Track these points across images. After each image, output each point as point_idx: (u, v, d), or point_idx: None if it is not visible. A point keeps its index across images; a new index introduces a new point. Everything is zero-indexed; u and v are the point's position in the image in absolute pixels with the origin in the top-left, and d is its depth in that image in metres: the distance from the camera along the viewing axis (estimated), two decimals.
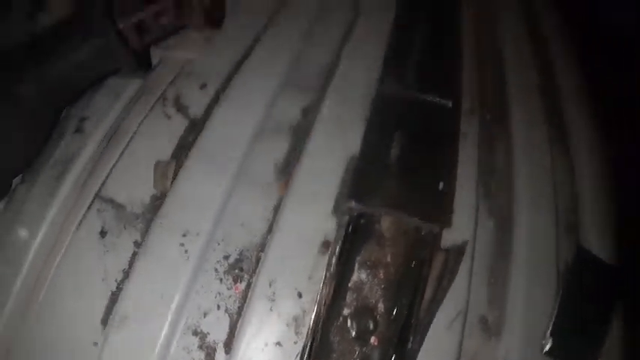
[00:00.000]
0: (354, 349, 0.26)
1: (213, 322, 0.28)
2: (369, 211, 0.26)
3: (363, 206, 0.27)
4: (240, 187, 0.31)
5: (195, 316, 0.28)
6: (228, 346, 0.28)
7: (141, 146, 0.35)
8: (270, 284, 0.28)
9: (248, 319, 0.27)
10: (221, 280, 0.29)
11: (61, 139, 0.38)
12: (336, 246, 0.27)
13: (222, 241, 0.30)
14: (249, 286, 0.28)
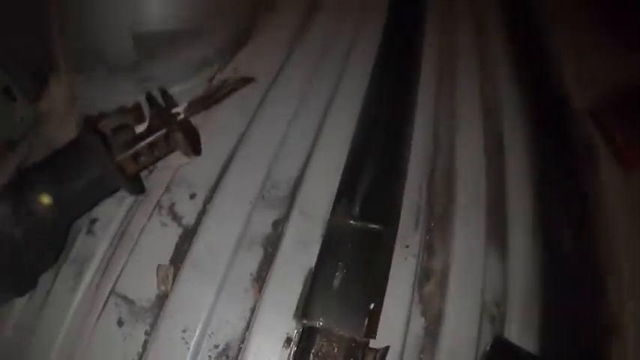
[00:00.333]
0: None
1: None
2: (316, 325, 0.37)
3: (309, 321, 0.37)
4: (224, 292, 0.41)
5: None
6: None
7: (144, 251, 0.44)
8: None
9: None
10: None
11: (76, 238, 0.46)
12: (293, 345, 0.38)
13: (213, 334, 0.40)
14: None
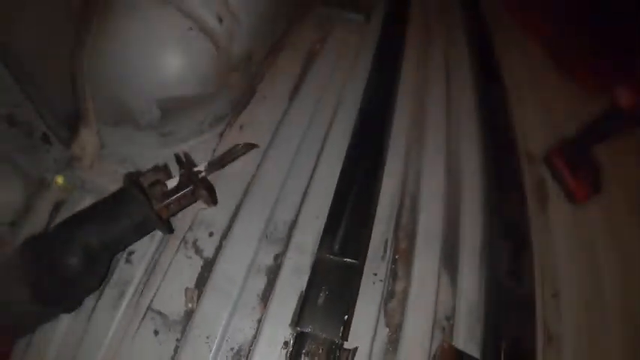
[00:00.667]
0: None
1: None
2: (306, 331, 0.52)
3: (301, 328, 0.52)
4: (237, 309, 0.55)
5: None
6: None
7: (173, 277, 0.57)
8: None
9: None
10: None
11: (116, 266, 0.59)
12: (289, 347, 0.53)
13: (229, 339, 0.54)
14: None
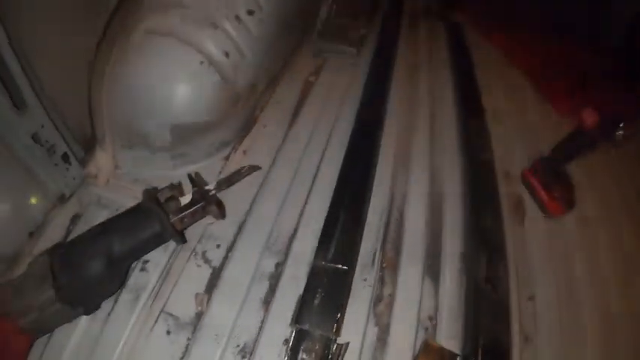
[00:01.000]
0: None
1: None
2: (304, 328, 0.60)
3: (300, 326, 0.60)
4: (243, 311, 0.63)
5: None
6: None
7: (185, 284, 0.64)
8: None
9: None
10: (234, 357, 0.61)
11: (132, 273, 0.65)
12: (289, 343, 0.61)
13: (236, 336, 0.61)
14: None
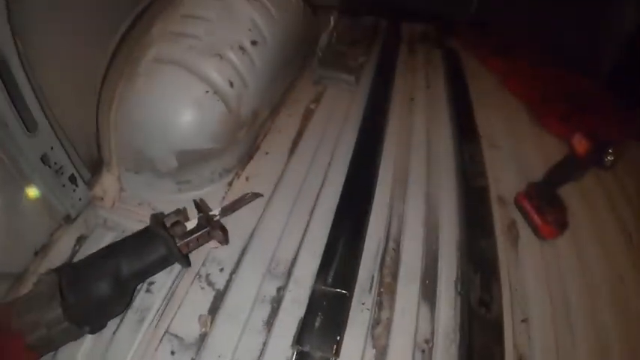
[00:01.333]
0: None
1: None
2: (305, 350, 0.63)
3: (301, 347, 0.63)
4: (245, 333, 0.65)
5: None
6: None
7: (189, 305, 0.66)
8: None
9: None
10: None
11: (137, 294, 0.67)
12: None
13: (238, 357, 0.62)
14: None
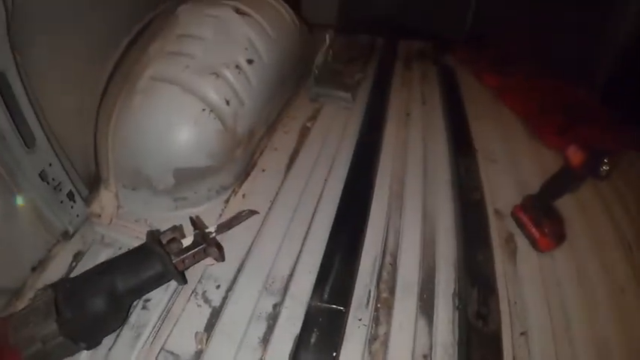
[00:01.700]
0: None
1: None
2: None
3: None
4: (241, 350, 0.65)
5: None
6: None
7: (185, 322, 0.66)
8: None
9: None
10: None
11: (133, 311, 0.67)
12: None
13: None
14: None
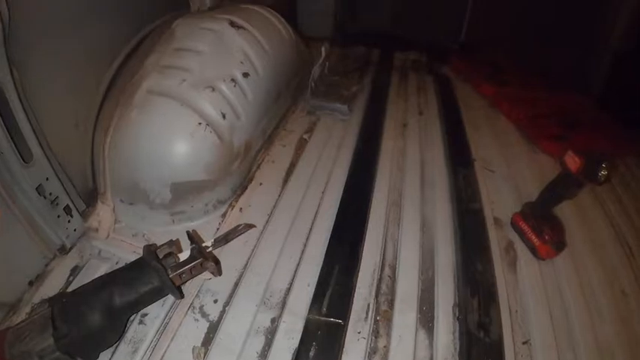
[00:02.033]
0: None
1: None
2: None
3: None
4: None
5: None
6: None
7: (182, 337, 0.66)
8: None
9: None
10: None
11: (130, 326, 0.67)
12: None
13: None
14: None
